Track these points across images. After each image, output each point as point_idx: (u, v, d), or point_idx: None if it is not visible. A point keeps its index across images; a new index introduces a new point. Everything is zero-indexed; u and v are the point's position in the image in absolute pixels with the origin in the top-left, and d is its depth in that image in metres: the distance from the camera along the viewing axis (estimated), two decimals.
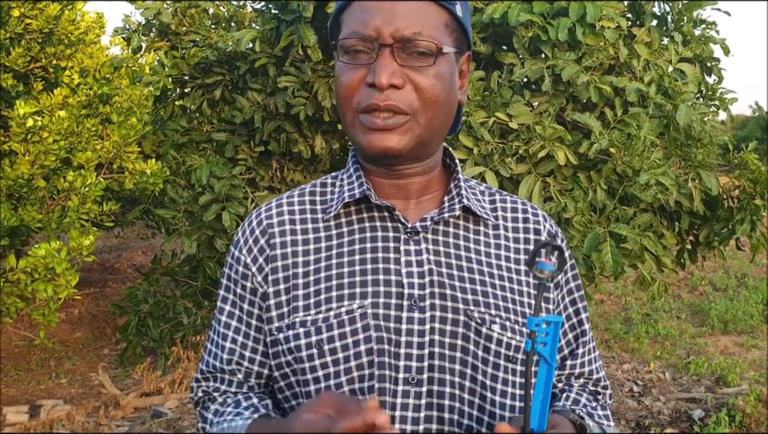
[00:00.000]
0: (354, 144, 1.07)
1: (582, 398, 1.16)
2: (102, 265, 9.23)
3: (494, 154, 3.07)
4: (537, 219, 1.15)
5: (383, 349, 1.00)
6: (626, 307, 7.51)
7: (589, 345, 1.19)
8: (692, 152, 3.28)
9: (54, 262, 3.07)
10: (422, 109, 1.01)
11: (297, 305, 1.05)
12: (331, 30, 1.10)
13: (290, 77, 3.57)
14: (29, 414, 4.58)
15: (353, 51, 1.01)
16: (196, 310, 4.80)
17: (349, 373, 1.00)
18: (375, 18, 0.99)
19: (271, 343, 1.08)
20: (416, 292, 1.02)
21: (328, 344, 1.01)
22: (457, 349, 1.02)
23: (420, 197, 1.10)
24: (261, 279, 1.09)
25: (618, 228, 2.97)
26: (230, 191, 3.69)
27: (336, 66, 1.05)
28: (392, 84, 0.98)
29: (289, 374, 1.07)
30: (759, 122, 18.56)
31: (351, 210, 1.09)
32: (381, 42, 0.99)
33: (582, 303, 1.18)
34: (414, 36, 0.99)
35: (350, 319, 1.01)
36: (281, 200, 1.14)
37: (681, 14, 3.47)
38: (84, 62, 4.55)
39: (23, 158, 3.36)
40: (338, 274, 1.04)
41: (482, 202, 1.14)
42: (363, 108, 1.01)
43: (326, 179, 1.17)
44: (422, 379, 1.00)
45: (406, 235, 1.06)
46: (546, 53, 3.16)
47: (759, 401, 4.53)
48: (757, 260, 3.86)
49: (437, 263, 1.05)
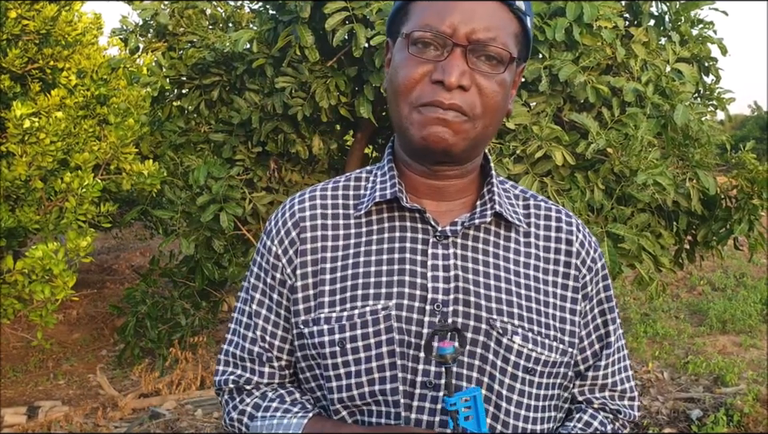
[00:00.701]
0: (404, 138, 1.04)
1: (594, 421, 1.14)
2: (99, 266, 9.23)
3: (491, 154, 3.07)
4: (570, 229, 1.13)
5: (404, 352, 1.00)
6: (625, 306, 7.51)
7: (614, 356, 1.16)
8: (690, 152, 3.28)
9: (52, 263, 3.06)
10: (482, 114, 1.00)
11: (323, 301, 1.05)
12: (394, 17, 1.06)
13: (287, 77, 3.57)
14: (27, 415, 4.57)
15: (421, 44, 0.99)
16: (194, 311, 4.80)
17: (369, 373, 1.01)
18: (453, 14, 0.97)
19: (297, 335, 1.08)
20: (440, 297, 1.02)
21: (350, 343, 1.02)
22: (476, 357, 1.01)
23: (454, 199, 1.09)
24: (290, 271, 1.08)
25: (615, 228, 2.97)
26: (227, 192, 3.68)
27: (397, 57, 1.03)
28: (460, 85, 0.97)
29: (314, 366, 1.08)
30: (758, 121, 18.58)
31: (383, 207, 1.09)
32: (455, 40, 0.97)
33: (611, 315, 1.16)
34: (488, 41, 0.97)
35: (373, 319, 1.01)
36: (314, 192, 1.13)
37: (678, 14, 3.47)
38: (81, 63, 4.55)
39: (20, 160, 3.36)
40: (364, 272, 1.04)
41: (515, 208, 1.13)
42: (423, 103, 0.98)
43: (360, 173, 1.16)
44: (440, 385, 1.00)
45: (434, 239, 1.05)
46: (544, 53, 3.16)
47: (757, 401, 4.53)
48: (755, 260, 3.86)
49: (463, 269, 1.04)
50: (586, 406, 1.16)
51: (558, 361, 1.06)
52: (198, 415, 4.37)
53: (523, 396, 1.04)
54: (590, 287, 1.12)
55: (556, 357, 1.06)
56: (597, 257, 1.15)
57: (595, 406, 1.16)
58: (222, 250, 4.07)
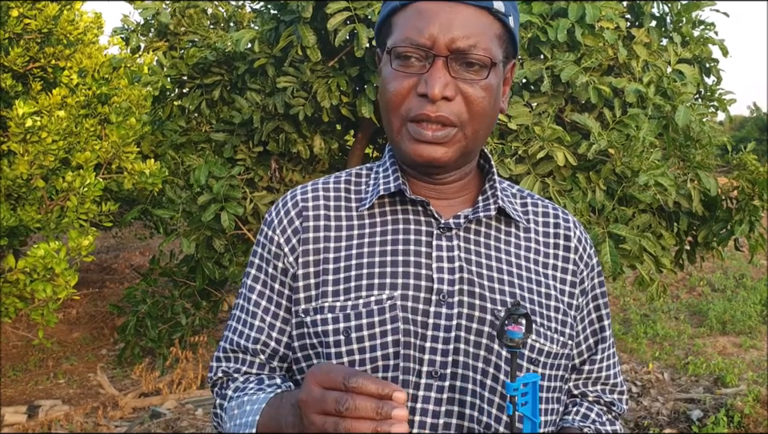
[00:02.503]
0: (398, 151, 1.06)
1: (591, 413, 1.17)
2: (100, 265, 9.23)
3: (493, 154, 3.07)
4: (567, 225, 1.16)
5: (409, 342, 1.01)
6: (625, 307, 7.52)
7: (608, 351, 1.20)
8: (691, 153, 3.28)
9: (53, 262, 3.06)
10: (470, 120, 1.01)
11: (326, 290, 1.05)
12: (380, 29, 1.08)
13: (288, 77, 3.57)
14: (27, 414, 4.57)
15: (404, 57, 1.00)
16: (194, 310, 4.80)
17: (374, 362, 1.01)
18: (432, 25, 0.98)
19: (296, 324, 1.08)
20: (445, 288, 1.03)
21: (356, 332, 1.02)
22: (481, 347, 1.02)
23: (454, 198, 1.11)
24: (292, 260, 1.09)
25: (616, 229, 2.98)
26: (228, 191, 3.68)
27: (384, 71, 1.04)
28: (444, 96, 0.98)
29: (312, 356, 1.07)
30: (757, 122, 18.60)
31: (385, 201, 1.10)
32: (435, 52, 0.98)
33: (605, 310, 1.19)
34: (469, 48, 0.98)
35: (379, 309, 1.02)
36: (316, 184, 1.14)
37: (680, 15, 3.47)
38: (83, 62, 4.55)
39: (22, 159, 3.36)
40: (368, 263, 1.05)
41: (514, 205, 1.15)
42: (412, 117, 1.00)
43: (360, 170, 1.17)
44: (446, 374, 1.01)
45: (438, 231, 1.07)
46: (545, 53, 3.16)
47: (757, 402, 4.54)
48: (755, 261, 3.86)
49: (467, 261, 1.05)
50: (582, 399, 1.19)
51: (559, 353, 1.08)
52: (199, 414, 4.37)
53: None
54: (587, 282, 1.16)
55: (558, 349, 1.08)
56: (592, 253, 1.18)
57: (590, 399, 1.19)
58: (223, 249, 4.08)
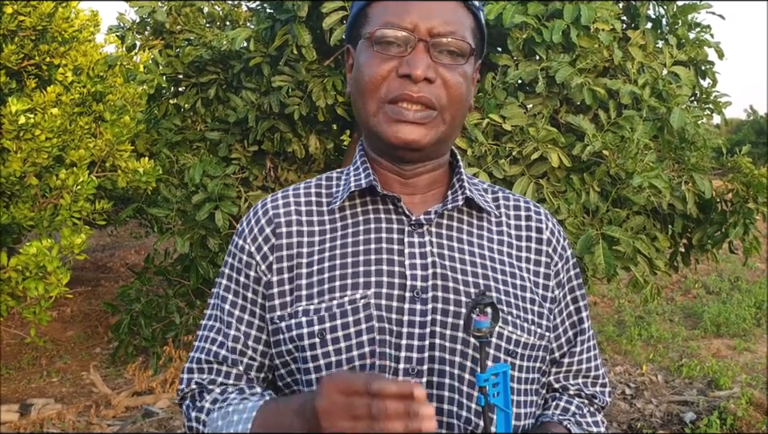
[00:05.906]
0: (374, 134, 1.07)
1: (571, 406, 1.17)
2: (94, 264, 9.20)
3: (487, 155, 3.07)
4: (539, 217, 1.17)
5: (384, 340, 1.01)
6: (619, 309, 7.52)
7: (588, 343, 1.19)
8: (686, 155, 3.28)
9: (46, 260, 3.05)
10: (448, 106, 1.04)
11: (300, 294, 1.05)
12: (354, 21, 1.11)
13: (284, 76, 3.56)
14: (19, 413, 4.55)
15: (384, 42, 1.03)
16: (188, 309, 4.79)
17: (350, 362, 1.01)
18: (412, 13, 1.02)
19: (273, 331, 1.08)
20: (419, 284, 1.03)
21: (330, 334, 1.02)
22: (458, 341, 1.02)
23: (425, 192, 1.12)
24: (264, 268, 1.09)
25: (610, 230, 2.98)
26: (223, 190, 3.67)
27: (360, 56, 1.07)
28: (426, 77, 1.01)
29: (289, 362, 1.07)
30: (754, 126, 18.63)
31: (356, 201, 1.11)
32: (418, 35, 1.02)
33: (583, 302, 1.19)
34: (448, 34, 1.03)
35: (352, 308, 1.02)
36: (287, 192, 1.15)
37: (675, 17, 3.47)
38: (78, 60, 4.53)
39: (15, 156, 3.35)
40: (341, 264, 1.05)
41: (485, 197, 1.16)
42: (392, 98, 1.02)
43: (331, 174, 1.18)
44: (423, 370, 1.01)
45: (410, 228, 1.08)
46: (541, 55, 3.16)
47: (751, 404, 4.54)
48: (750, 263, 3.86)
49: (440, 256, 1.06)
50: (562, 393, 1.19)
51: (537, 344, 1.09)
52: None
53: None
54: (563, 274, 1.16)
55: (534, 340, 1.08)
56: (566, 245, 1.19)
57: (571, 392, 1.19)
58: (217, 248, 4.06)
